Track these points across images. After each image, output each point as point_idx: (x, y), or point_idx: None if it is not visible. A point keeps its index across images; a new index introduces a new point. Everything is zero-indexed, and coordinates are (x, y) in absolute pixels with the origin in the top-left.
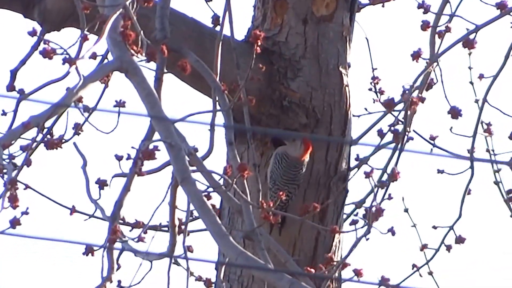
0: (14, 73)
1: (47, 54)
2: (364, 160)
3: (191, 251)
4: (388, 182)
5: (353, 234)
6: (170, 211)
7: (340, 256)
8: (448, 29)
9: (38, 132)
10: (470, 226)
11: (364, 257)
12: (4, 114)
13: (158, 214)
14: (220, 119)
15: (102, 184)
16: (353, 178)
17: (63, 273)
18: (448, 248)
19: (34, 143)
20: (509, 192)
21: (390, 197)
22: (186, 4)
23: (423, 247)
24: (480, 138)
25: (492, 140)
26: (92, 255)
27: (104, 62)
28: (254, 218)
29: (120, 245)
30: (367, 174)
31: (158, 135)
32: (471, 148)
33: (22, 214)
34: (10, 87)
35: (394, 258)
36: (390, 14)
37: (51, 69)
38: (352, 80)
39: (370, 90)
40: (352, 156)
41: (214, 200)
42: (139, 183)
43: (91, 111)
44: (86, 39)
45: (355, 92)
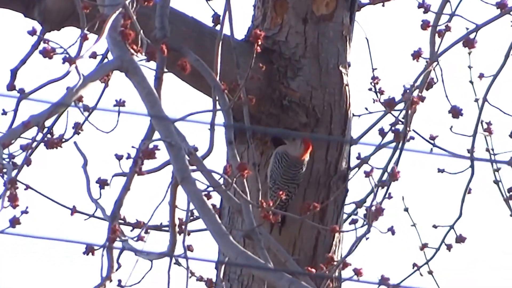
0: (14, 72)
1: (46, 54)
2: (365, 160)
3: (191, 251)
4: (389, 182)
5: (353, 233)
6: (170, 211)
7: (340, 256)
8: (448, 28)
9: (38, 132)
10: (471, 226)
11: (364, 256)
12: (4, 113)
13: (159, 214)
14: (220, 118)
15: (102, 183)
16: (353, 177)
17: (63, 273)
18: (449, 247)
19: (34, 143)
20: (510, 190)
21: (389, 196)
22: (186, 3)
23: (424, 247)
24: (480, 137)
25: (491, 139)
26: (93, 254)
27: (104, 61)
28: (254, 218)
29: (120, 244)
30: (367, 174)
31: (158, 135)
32: (471, 148)
33: (22, 213)
34: (11, 87)
35: (394, 257)
36: (390, 14)
37: (52, 68)
38: (352, 80)
39: (370, 90)
40: (353, 156)
41: (215, 200)
42: (139, 182)
43: (91, 111)
44: (86, 38)
45: (355, 92)
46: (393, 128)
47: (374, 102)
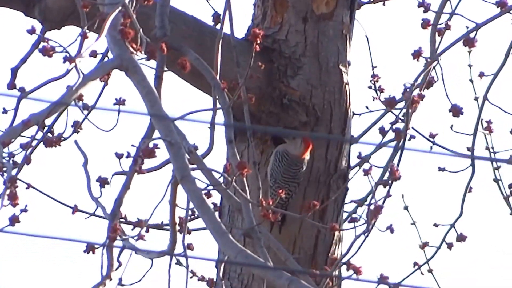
0: (14, 71)
1: (46, 52)
2: (365, 158)
3: (192, 249)
4: (390, 181)
5: (353, 232)
6: (171, 209)
7: (340, 254)
8: (448, 26)
9: (38, 130)
10: (471, 224)
11: (363, 255)
12: (5, 112)
13: (159, 212)
14: (220, 117)
15: (103, 182)
16: (354, 176)
17: (63, 273)
18: (450, 246)
19: (34, 141)
20: (510, 186)
21: (388, 194)
22: (186, 2)
23: (424, 245)
24: (480, 136)
25: (491, 137)
26: (93, 253)
27: (104, 60)
28: (254, 216)
29: (121, 243)
30: (366, 172)
31: (158, 133)
32: (472, 146)
33: (21, 211)
34: (11, 85)
35: (394, 256)
36: (391, 12)
37: (52, 67)
38: (352, 78)
39: (370, 88)
40: (354, 154)
41: (215, 198)
42: (139, 181)
43: (90, 109)
44: (86, 37)
45: (355, 90)
46: (393, 126)
47: (373, 100)
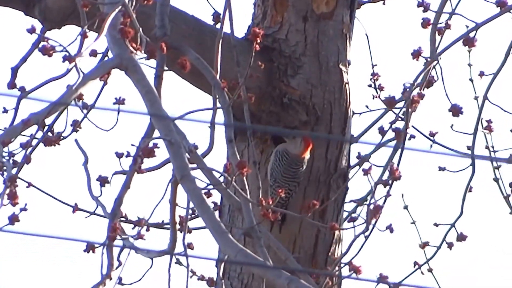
0: (15, 70)
1: (46, 52)
2: (365, 158)
3: (192, 248)
4: (390, 181)
5: (353, 231)
6: (171, 209)
7: (340, 253)
8: (448, 25)
9: (38, 130)
10: (471, 224)
11: (363, 254)
12: (5, 111)
13: (159, 212)
14: (220, 116)
15: (103, 181)
16: (354, 175)
17: (63, 273)
18: (450, 245)
19: (34, 141)
20: (511, 185)
21: (388, 194)
22: (186, 2)
23: (424, 245)
24: (480, 135)
25: (491, 137)
26: (93, 252)
27: (104, 59)
28: (254, 216)
29: (121, 242)
30: (366, 171)
31: (158, 133)
32: (472, 146)
33: (21, 210)
34: (11, 85)
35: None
36: (391, 12)
37: (52, 66)
38: (353, 78)
39: (370, 86)
40: (354, 154)
41: (215, 198)
42: (139, 180)
43: (90, 108)
44: (86, 36)
45: (356, 90)
46: (393, 126)
47: (373, 98)
